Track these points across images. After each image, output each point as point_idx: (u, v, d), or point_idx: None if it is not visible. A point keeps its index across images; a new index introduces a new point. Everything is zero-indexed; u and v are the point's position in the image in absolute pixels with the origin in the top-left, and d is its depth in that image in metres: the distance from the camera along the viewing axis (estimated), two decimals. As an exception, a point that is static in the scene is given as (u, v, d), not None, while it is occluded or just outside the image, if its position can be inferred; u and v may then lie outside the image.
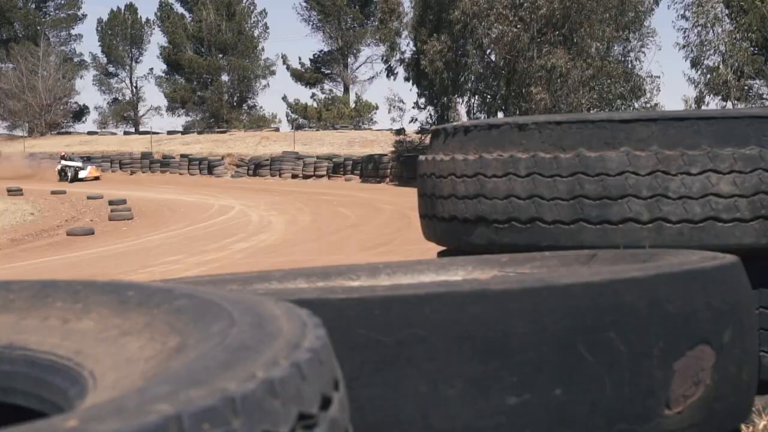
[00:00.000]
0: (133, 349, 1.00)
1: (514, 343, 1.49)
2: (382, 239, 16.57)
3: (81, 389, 0.98)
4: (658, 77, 38.24)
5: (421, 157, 3.40)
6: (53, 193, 33.71)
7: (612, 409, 1.54)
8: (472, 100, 36.88)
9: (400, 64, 38.68)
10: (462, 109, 37.14)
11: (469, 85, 36.36)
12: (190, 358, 0.85)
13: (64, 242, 19.30)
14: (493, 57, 34.37)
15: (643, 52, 37.99)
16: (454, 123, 3.22)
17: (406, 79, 38.65)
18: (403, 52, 38.63)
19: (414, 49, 37.41)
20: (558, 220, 2.94)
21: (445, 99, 36.89)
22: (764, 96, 37.16)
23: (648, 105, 36.94)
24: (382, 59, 40.50)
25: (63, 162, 43.12)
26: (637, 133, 2.88)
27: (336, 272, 2.41)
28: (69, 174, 42.08)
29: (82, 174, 42.28)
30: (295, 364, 0.81)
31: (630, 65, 36.94)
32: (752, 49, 33.69)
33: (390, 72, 39.25)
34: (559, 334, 1.52)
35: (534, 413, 1.50)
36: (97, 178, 42.69)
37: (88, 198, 30.41)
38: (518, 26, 31.53)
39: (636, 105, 37.54)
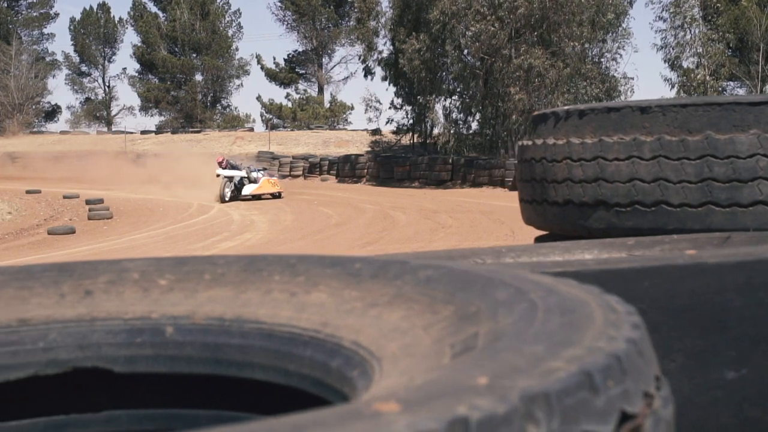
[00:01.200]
0: (394, 319, 0.97)
1: (730, 316, 1.48)
2: (368, 238, 16.53)
3: (347, 360, 0.95)
4: (632, 78, 38.60)
5: (524, 143, 3.38)
6: (28, 192, 33.33)
7: (824, 385, 1.53)
8: (449, 100, 36.98)
9: (378, 64, 38.68)
10: (439, 109, 37.24)
11: (447, 85, 36.44)
12: (514, 322, 0.82)
13: (47, 241, 19.10)
14: (470, 57, 34.45)
15: (620, 54, 38.34)
16: (565, 107, 3.20)
17: (384, 79, 38.64)
18: (380, 52, 38.65)
19: (392, 49, 37.43)
20: (685, 203, 2.91)
21: (422, 99, 36.96)
22: (738, 97, 37.52)
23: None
24: (359, 59, 40.44)
25: (219, 171, 27.36)
26: (767, 116, 2.86)
27: (459, 255, 2.38)
28: (226, 190, 26.98)
29: (248, 189, 27.38)
30: (635, 325, 0.79)
31: (604, 66, 37.26)
32: (728, 51, 34.04)
33: (368, 72, 39.24)
34: (773, 308, 1.51)
35: (751, 388, 1.48)
36: (277, 195, 28.07)
37: (64, 197, 30.12)
38: (496, 25, 31.62)
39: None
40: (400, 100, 39.22)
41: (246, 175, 27.86)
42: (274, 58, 76.46)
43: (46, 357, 1.09)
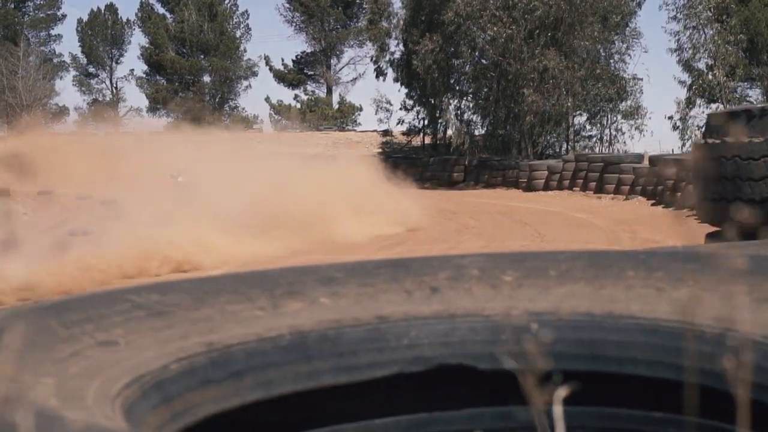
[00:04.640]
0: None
1: None
2: (395, 239, 16.48)
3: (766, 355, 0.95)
4: (641, 79, 38.62)
5: (708, 140, 3.36)
6: (40, 193, 33.24)
7: None
8: (463, 102, 37.02)
9: (390, 65, 38.72)
10: (452, 110, 37.26)
11: (460, 86, 36.48)
12: None
13: (67, 242, 19.04)
14: (484, 60, 34.47)
15: (629, 54, 38.42)
16: (760, 105, 3.19)
17: (396, 80, 38.67)
18: (393, 53, 38.67)
19: (404, 50, 37.45)
20: None
21: (435, 100, 37.02)
22: (749, 98, 37.59)
23: (635, 106, 37.48)
24: (371, 60, 40.49)
25: None
26: None
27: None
28: None
29: None
30: None
31: (614, 67, 37.33)
32: (742, 53, 34.03)
33: (379, 73, 39.26)
34: None
35: None
36: None
37: (78, 198, 30.01)
38: (512, 28, 31.63)
39: (621, 107, 38.02)
40: (411, 102, 39.29)
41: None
42: (282, 60, 75.98)
43: (411, 354, 1.08)
